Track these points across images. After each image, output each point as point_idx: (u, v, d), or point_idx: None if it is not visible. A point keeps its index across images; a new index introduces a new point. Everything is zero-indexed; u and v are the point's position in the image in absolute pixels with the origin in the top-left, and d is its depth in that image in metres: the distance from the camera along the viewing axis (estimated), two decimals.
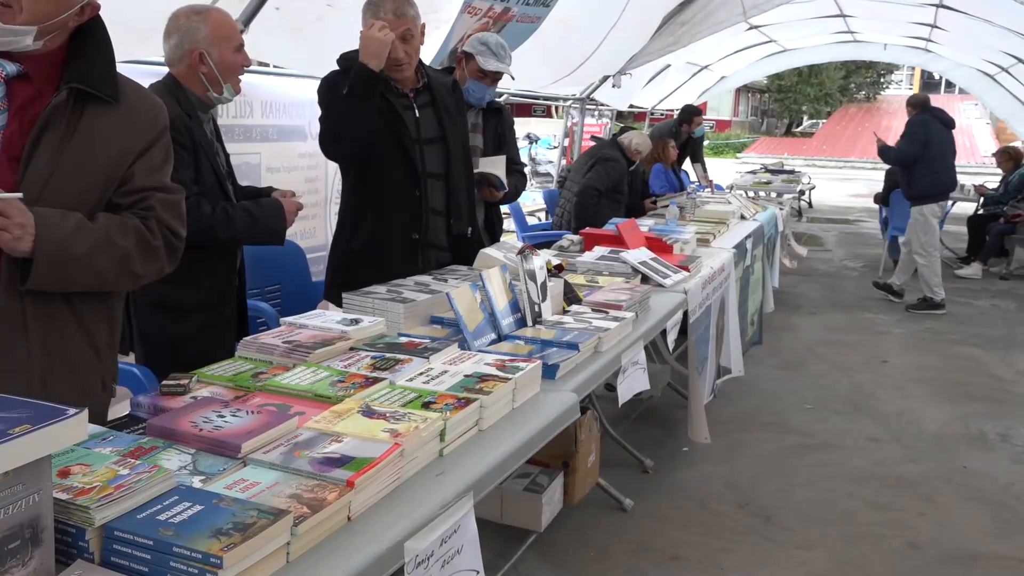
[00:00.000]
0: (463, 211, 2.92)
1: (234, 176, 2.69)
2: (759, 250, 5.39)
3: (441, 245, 2.90)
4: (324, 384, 1.69)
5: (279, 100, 4.58)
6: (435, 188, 2.83)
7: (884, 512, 3.43)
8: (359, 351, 1.95)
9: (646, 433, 4.17)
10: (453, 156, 2.86)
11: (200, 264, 2.47)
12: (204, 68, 2.44)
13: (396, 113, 2.73)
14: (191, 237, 2.35)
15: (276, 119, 4.59)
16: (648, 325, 2.70)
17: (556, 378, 2.02)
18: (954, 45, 10.25)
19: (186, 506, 1.15)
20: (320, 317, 2.13)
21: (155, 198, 1.67)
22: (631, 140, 5.89)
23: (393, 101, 2.73)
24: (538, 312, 2.38)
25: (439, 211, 2.85)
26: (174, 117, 2.36)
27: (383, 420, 1.50)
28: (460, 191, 2.91)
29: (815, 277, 8.58)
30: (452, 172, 2.87)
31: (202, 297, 2.50)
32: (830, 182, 20.63)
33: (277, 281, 3.68)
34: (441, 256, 2.91)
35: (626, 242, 3.59)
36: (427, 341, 2.03)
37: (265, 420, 1.46)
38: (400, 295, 2.36)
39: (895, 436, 4.28)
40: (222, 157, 2.61)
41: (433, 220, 2.85)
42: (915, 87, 48.03)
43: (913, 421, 4.50)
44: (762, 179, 10.96)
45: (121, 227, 1.60)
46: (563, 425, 1.87)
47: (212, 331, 2.52)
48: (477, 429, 1.66)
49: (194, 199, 2.39)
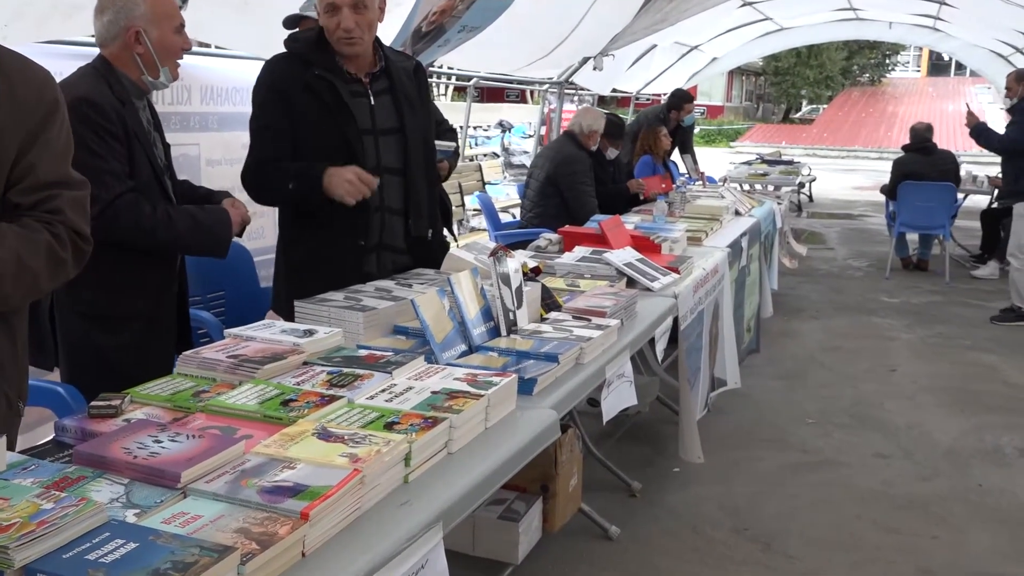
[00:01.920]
0: (422, 210, 2.90)
1: (173, 170, 2.67)
2: (755, 249, 5.44)
3: (398, 247, 2.89)
4: (274, 404, 1.68)
5: (221, 85, 4.55)
6: (392, 185, 2.81)
7: (894, 535, 3.47)
8: (313, 366, 1.94)
9: (633, 452, 4.18)
10: (412, 149, 2.84)
11: (135, 268, 2.44)
12: (140, 49, 2.41)
13: (342, 103, 2.70)
14: (127, 239, 2.33)
15: (217, 106, 4.55)
16: (635, 333, 2.71)
17: (533, 393, 2.02)
18: (964, 24, 10.43)
19: (119, 544, 1.13)
20: (269, 328, 2.12)
21: (63, 198, 1.61)
22: (579, 123, 5.85)
23: (341, 88, 2.70)
24: (513, 320, 2.38)
25: (396, 210, 2.83)
26: (105, 103, 2.34)
27: (341, 443, 1.50)
28: (419, 188, 2.88)
29: (817, 278, 8.67)
30: (411, 167, 2.85)
31: (137, 305, 2.47)
32: (832, 173, 20.87)
33: (220, 288, 3.65)
34: (399, 260, 2.90)
35: (610, 241, 3.60)
36: (390, 354, 2.02)
37: (208, 445, 1.44)
38: (359, 303, 2.35)
39: (905, 451, 4.33)
40: (160, 148, 2.59)
41: (389, 220, 2.83)
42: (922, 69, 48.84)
43: (924, 435, 4.56)
44: (758, 171, 11.08)
45: (32, 246, 1.55)
46: (542, 446, 1.87)
47: (149, 344, 2.49)
48: (446, 452, 1.65)
49: (132, 196, 2.36)
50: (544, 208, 5.66)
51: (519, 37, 6.89)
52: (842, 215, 13.92)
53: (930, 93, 39.07)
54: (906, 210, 8.61)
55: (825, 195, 16.22)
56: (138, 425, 1.54)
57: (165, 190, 2.53)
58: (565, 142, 5.86)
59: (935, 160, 8.56)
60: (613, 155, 6.26)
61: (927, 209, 8.47)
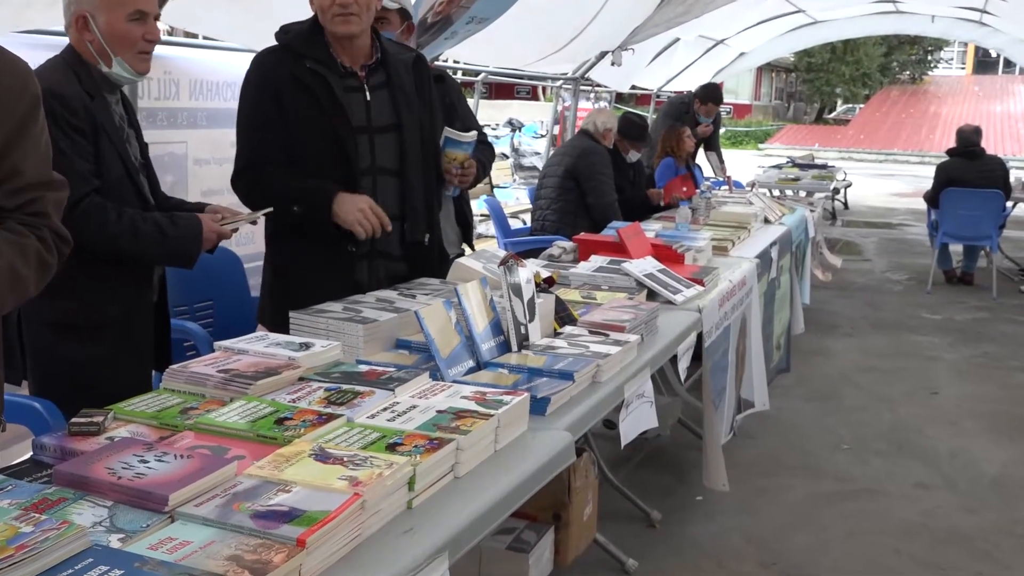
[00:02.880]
0: (419, 214, 2.91)
1: (151, 168, 2.68)
2: (786, 260, 5.44)
3: (393, 254, 2.90)
4: (268, 422, 1.69)
5: (211, 79, 4.58)
6: (387, 186, 2.82)
7: (936, 571, 3.45)
8: (310, 382, 1.95)
9: (653, 479, 4.18)
10: (409, 148, 2.85)
11: (107, 275, 2.45)
12: (90, 36, 2.42)
13: (334, 98, 2.71)
14: (89, 245, 2.33)
15: (206, 101, 4.58)
16: (655, 350, 2.71)
17: (547, 414, 2.02)
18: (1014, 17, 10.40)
19: (102, 570, 1.14)
20: (262, 341, 2.13)
21: (46, 199, 1.65)
22: (592, 122, 6.03)
23: (334, 83, 2.71)
24: (524, 335, 2.38)
25: (392, 214, 2.82)
26: (71, 96, 2.35)
27: (340, 466, 1.50)
28: (416, 190, 2.89)
29: (852, 292, 8.66)
30: (407, 167, 2.86)
31: (110, 314, 2.48)
32: (869, 179, 20.85)
33: (208, 297, 3.67)
34: (393, 267, 2.91)
35: (629, 250, 3.61)
36: (392, 370, 2.03)
37: (197, 466, 1.45)
38: (359, 314, 2.36)
39: (947, 481, 4.32)
40: (135, 145, 2.59)
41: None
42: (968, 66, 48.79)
43: (969, 463, 4.54)
44: (789, 175, 11.09)
45: (23, 253, 1.60)
46: (555, 471, 1.87)
47: (123, 356, 2.50)
48: (452, 476, 1.66)
49: (97, 202, 2.36)
50: (563, 204, 5.74)
51: (531, 29, 6.90)
52: (880, 224, 13.90)
53: (976, 92, 39.00)
54: (950, 219, 8.59)
55: (861, 202, 16.19)
56: (122, 444, 1.56)
57: (139, 190, 2.54)
58: (582, 138, 5.97)
59: (981, 165, 8.55)
60: (635, 158, 6.29)
61: (972, 218, 8.46)
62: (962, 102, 37.21)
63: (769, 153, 27.39)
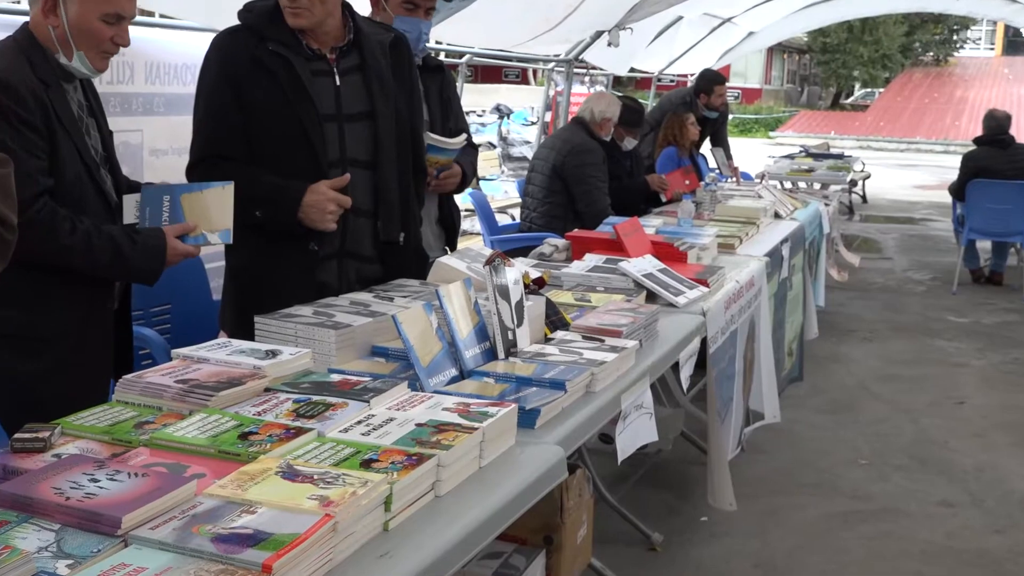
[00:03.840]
0: (394, 210, 2.91)
1: (115, 161, 2.67)
2: (798, 259, 5.46)
3: (365, 254, 2.90)
4: (231, 437, 1.69)
5: (169, 61, 4.56)
6: (360, 180, 2.82)
7: None
8: (277, 393, 1.95)
9: (654, 498, 4.19)
10: (383, 138, 2.85)
11: (58, 281, 2.44)
12: (55, 21, 2.41)
13: (298, 83, 2.71)
14: (38, 255, 2.31)
15: (164, 86, 4.57)
16: (655, 357, 2.72)
17: (536, 427, 2.03)
18: None
19: None
20: (225, 348, 2.13)
21: None
22: (590, 110, 5.88)
23: (299, 67, 2.71)
24: (512, 341, 2.39)
25: (364, 210, 2.83)
26: (21, 86, 2.33)
27: (309, 484, 1.51)
28: (391, 184, 2.90)
29: (871, 293, 8.70)
30: (381, 159, 2.86)
31: (62, 324, 2.47)
32: (889, 169, 20.93)
33: (166, 300, 3.66)
34: (365, 269, 2.91)
35: (627, 248, 3.62)
36: (367, 379, 2.04)
37: (153, 485, 1.45)
38: (331, 319, 2.36)
39: (974, 499, 4.34)
40: (95, 136, 2.58)
41: (355, 223, 2.83)
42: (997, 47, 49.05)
43: (997, 480, 4.57)
44: (802, 166, 11.11)
45: None
46: (545, 489, 1.88)
47: (76, 370, 2.49)
48: (433, 495, 1.67)
49: (48, 209, 2.34)
50: (550, 207, 5.69)
51: (521, 7, 6.92)
52: (901, 219, 13.96)
53: (1005, 75, 39.21)
54: (977, 213, 8.61)
55: (881, 195, 16.26)
56: (71, 461, 1.55)
57: (100, 187, 2.53)
58: (575, 130, 5.89)
59: (1012, 155, 8.55)
60: (630, 146, 6.29)
61: (1001, 212, 8.47)
62: (991, 86, 37.40)
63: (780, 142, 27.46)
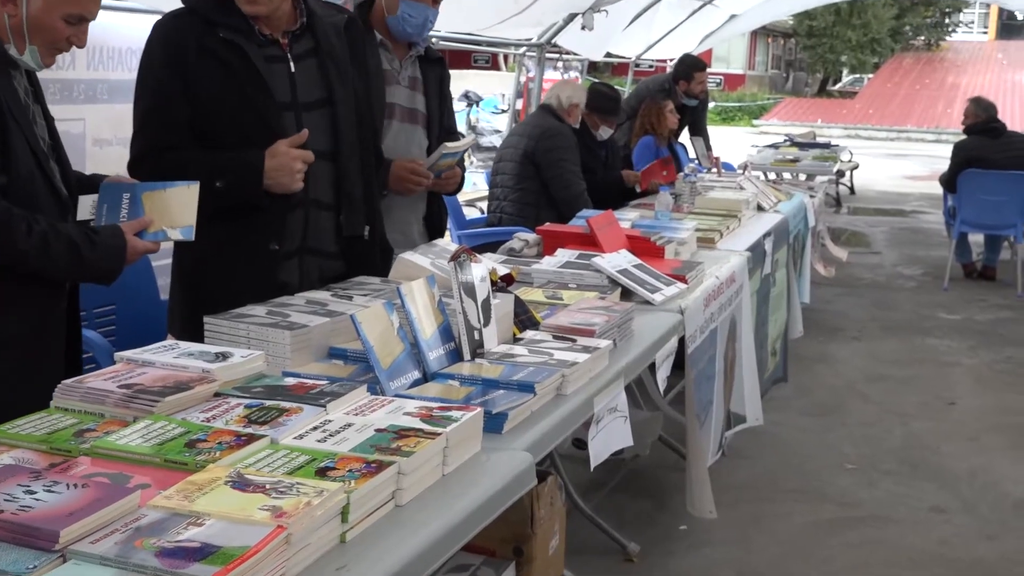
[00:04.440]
0: (357, 203, 2.91)
1: (62, 150, 2.65)
2: (782, 253, 5.49)
3: (327, 251, 2.90)
4: (177, 445, 1.69)
5: (113, 45, 4.54)
6: (319, 172, 2.81)
7: None
8: (228, 398, 1.94)
9: (630, 507, 4.20)
10: (344, 127, 2.85)
11: (16, 282, 2.42)
12: (11, 10, 2.39)
13: (254, 71, 2.70)
14: None
15: (108, 72, 4.54)
16: (631, 358, 2.74)
17: (503, 432, 2.04)
18: None
19: None
20: (172, 351, 2.12)
21: None
22: (556, 96, 5.92)
23: (252, 53, 2.70)
24: (478, 341, 2.40)
25: (325, 204, 2.83)
26: None
27: (261, 494, 1.50)
28: (352, 176, 2.90)
29: (859, 289, 8.77)
30: (341, 149, 2.86)
31: (12, 328, 2.45)
32: (878, 159, 21.11)
33: (110, 300, 3.63)
34: (328, 266, 2.91)
35: (600, 243, 3.63)
36: (324, 383, 2.03)
37: (93, 497, 1.44)
38: (286, 319, 2.36)
39: (966, 504, 4.39)
40: (42, 126, 2.57)
41: (316, 217, 2.84)
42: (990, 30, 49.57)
43: (990, 484, 4.62)
44: (787, 155, 11.17)
45: None
46: (513, 497, 1.89)
47: (30, 375, 2.46)
48: (394, 504, 1.67)
49: (3, 212, 2.32)
50: (522, 194, 5.71)
51: None
52: (891, 211, 14.08)
53: (999, 60, 39.64)
54: (969, 205, 8.69)
55: (870, 186, 16.39)
56: (5, 472, 1.54)
57: (50, 180, 2.50)
58: (543, 115, 5.92)
59: (1004, 143, 8.63)
60: (606, 135, 6.31)
61: (994, 204, 8.55)
62: (984, 71, 37.80)
63: (764, 130, 27.64)
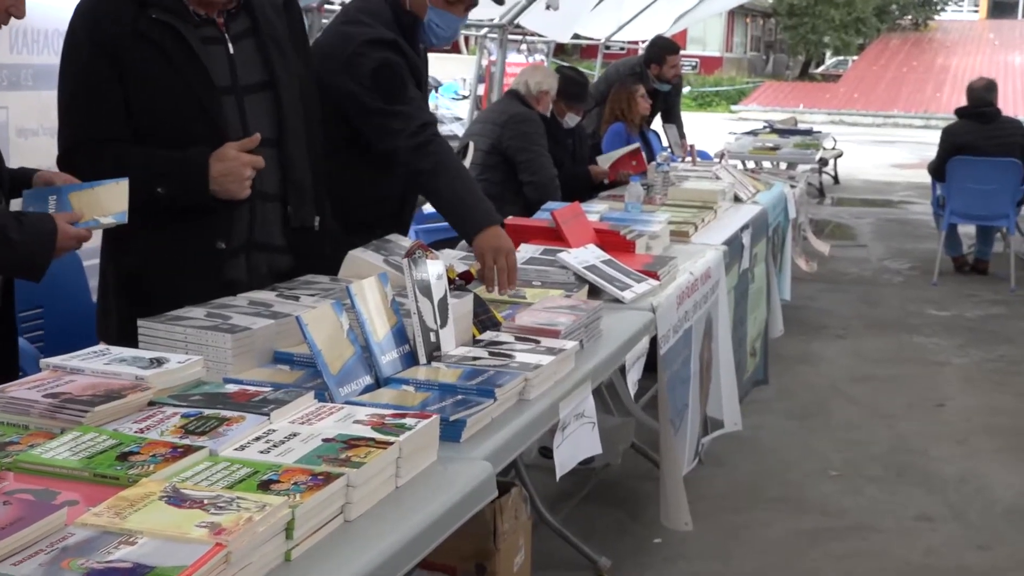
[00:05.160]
0: (305, 192, 2.91)
1: None
2: (761, 247, 5.53)
3: (275, 245, 2.89)
4: (108, 458, 1.68)
5: (38, 27, 4.50)
6: (265, 160, 2.76)
7: None
8: (163, 407, 1.93)
9: (601, 518, 4.21)
10: (288, 111, 2.84)
11: None
12: None
13: (191, 53, 2.68)
14: None
15: (32, 55, 4.50)
16: (599, 360, 2.75)
17: (462, 440, 2.04)
18: None
19: None
20: (102, 357, 2.11)
21: None
22: (525, 83, 5.95)
23: (188, 34, 2.68)
24: (435, 343, 2.40)
25: (271, 195, 2.82)
26: None
27: (199, 510, 1.50)
28: (299, 162, 2.89)
29: (843, 285, 8.84)
30: (287, 135, 2.85)
31: None
32: (864, 147, 21.28)
33: (37, 303, 3.61)
34: (276, 261, 2.90)
35: (566, 237, 3.64)
36: (267, 390, 2.03)
37: (16, 514, 1.43)
38: (226, 321, 2.35)
39: (956, 512, 4.44)
40: None
41: (262, 209, 2.82)
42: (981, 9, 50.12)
43: (981, 490, 4.67)
44: (766, 143, 11.26)
45: None
46: (472, 510, 1.89)
47: None
48: (343, 519, 1.66)
49: None
50: (485, 185, 5.68)
51: None
52: (877, 202, 14.20)
53: (991, 41, 40.08)
54: (958, 194, 8.74)
55: (855, 175, 16.52)
56: None
57: None
58: (510, 102, 5.94)
59: (996, 129, 8.65)
60: (572, 123, 6.33)
61: (985, 193, 8.59)
62: (975, 52, 38.19)
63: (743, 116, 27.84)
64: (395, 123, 3.26)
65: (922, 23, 44.81)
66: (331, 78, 3.25)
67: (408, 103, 3.30)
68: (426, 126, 3.27)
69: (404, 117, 3.26)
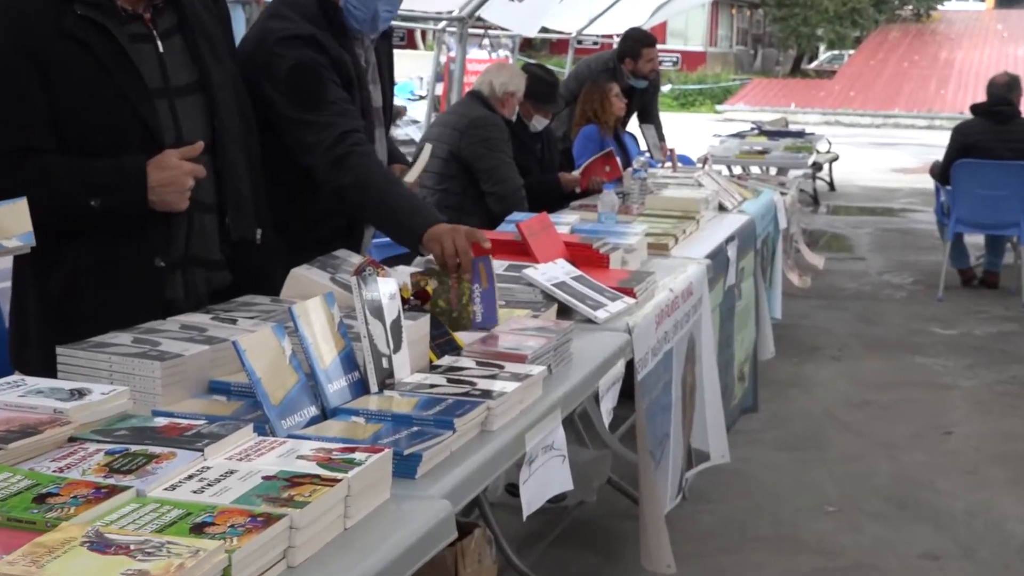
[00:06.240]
0: (245, 202, 2.92)
1: None
2: (748, 261, 5.55)
3: (212, 260, 2.90)
4: (23, 501, 1.67)
5: None
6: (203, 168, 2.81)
7: None
8: (85, 443, 1.92)
9: (575, 561, 4.21)
10: (223, 113, 2.86)
11: None
12: None
13: (121, 53, 2.69)
14: None
15: None
16: (570, 386, 2.75)
17: (417, 477, 2.04)
18: None
19: None
20: (17, 388, 2.10)
21: None
22: (489, 83, 5.90)
23: (117, 33, 2.68)
24: (388, 370, 2.40)
25: (208, 204, 2.82)
26: None
27: (125, 556, 1.50)
28: (240, 171, 2.90)
29: (840, 301, 8.87)
30: (223, 140, 2.86)
31: None
32: (862, 149, 21.41)
33: None
34: (214, 278, 2.91)
35: (533, 251, 3.65)
36: (201, 423, 2.02)
37: None
38: (155, 347, 2.34)
39: (964, 549, 4.46)
40: None
41: (199, 220, 2.83)
42: None
43: (991, 525, 4.69)
44: (755, 146, 11.32)
45: None
46: (429, 553, 1.89)
47: None
48: (285, 565, 1.66)
49: None
50: (443, 195, 5.68)
51: None
52: (877, 210, 14.27)
53: (999, 32, 40.46)
54: (964, 200, 8.72)
55: (852, 181, 16.59)
56: None
57: None
58: (472, 104, 5.91)
59: (1010, 130, 8.61)
60: (540, 126, 6.33)
61: (992, 199, 8.58)
62: (981, 45, 38.52)
63: (730, 117, 28.01)
64: (309, 136, 3.24)
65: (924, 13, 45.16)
66: (253, 81, 3.22)
67: (325, 109, 3.26)
68: (344, 136, 3.22)
69: (318, 128, 3.23)
